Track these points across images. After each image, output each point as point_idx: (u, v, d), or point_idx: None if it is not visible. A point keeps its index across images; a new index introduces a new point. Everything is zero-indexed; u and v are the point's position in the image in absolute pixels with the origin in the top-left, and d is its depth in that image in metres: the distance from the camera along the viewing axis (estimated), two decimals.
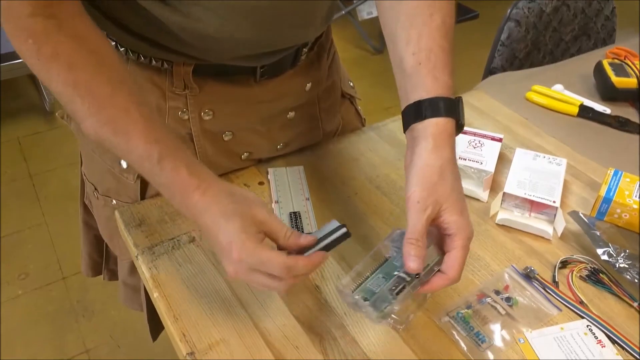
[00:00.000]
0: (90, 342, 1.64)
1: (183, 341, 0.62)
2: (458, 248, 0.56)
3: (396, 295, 0.56)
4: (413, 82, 0.60)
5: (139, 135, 0.57)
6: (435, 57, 0.60)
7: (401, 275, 0.57)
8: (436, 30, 0.61)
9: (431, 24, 0.61)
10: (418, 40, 0.61)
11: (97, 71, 0.57)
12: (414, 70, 0.60)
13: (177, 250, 0.73)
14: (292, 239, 0.57)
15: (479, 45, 2.27)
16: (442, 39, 0.61)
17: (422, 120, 0.58)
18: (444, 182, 0.56)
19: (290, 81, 0.81)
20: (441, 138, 0.58)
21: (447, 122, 0.58)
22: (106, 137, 0.58)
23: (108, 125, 0.57)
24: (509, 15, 1.37)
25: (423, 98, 0.59)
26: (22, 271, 1.86)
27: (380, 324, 0.62)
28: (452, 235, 0.56)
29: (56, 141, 2.43)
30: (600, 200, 0.77)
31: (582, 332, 0.64)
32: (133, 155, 0.58)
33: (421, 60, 0.60)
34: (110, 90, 0.57)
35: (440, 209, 0.56)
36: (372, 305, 0.55)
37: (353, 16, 3.20)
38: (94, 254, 1.01)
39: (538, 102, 1.05)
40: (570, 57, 1.32)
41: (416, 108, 0.59)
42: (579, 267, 0.72)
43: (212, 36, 0.66)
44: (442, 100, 0.58)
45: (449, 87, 0.60)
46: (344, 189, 0.84)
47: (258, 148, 0.85)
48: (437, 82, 0.59)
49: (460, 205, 0.57)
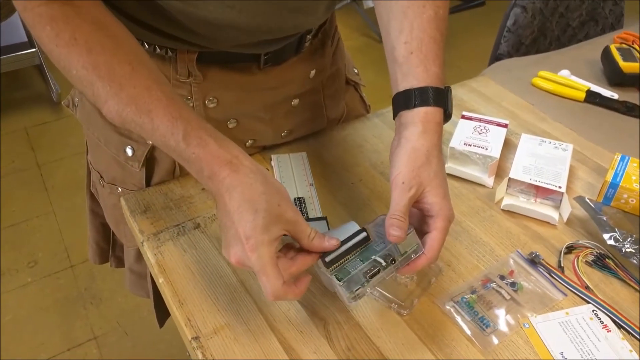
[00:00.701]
0: (98, 329, 1.66)
1: (188, 326, 0.62)
2: (438, 229, 0.58)
3: (369, 279, 0.57)
4: (404, 71, 0.62)
5: (163, 112, 0.56)
6: (427, 47, 0.62)
7: (377, 259, 0.58)
8: (427, 22, 0.63)
9: (423, 15, 0.63)
10: (410, 31, 0.63)
11: (116, 52, 0.57)
12: (405, 60, 0.62)
13: (182, 237, 0.73)
14: (315, 241, 0.57)
15: (485, 32, 2.26)
16: (433, 30, 0.63)
17: (412, 108, 0.61)
18: (429, 165, 0.59)
19: (294, 68, 0.81)
20: (429, 125, 0.60)
21: (435, 111, 0.61)
22: (130, 117, 0.57)
23: (130, 105, 0.56)
24: (515, 1, 1.36)
25: (413, 87, 0.61)
26: (31, 259, 1.88)
27: (351, 304, 0.62)
28: (433, 217, 0.59)
29: (63, 131, 2.45)
30: (607, 185, 0.77)
31: (587, 317, 0.64)
32: (157, 134, 0.57)
33: (413, 50, 0.62)
34: (130, 70, 0.57)
35: (423, 191, 0.58)
36: (345, 286, 0.56)
37: (358, 4, 3.18)
38: (100, 241, 1.02)
39: (544, 88, 1.04)
40: (578, 42, 1.30)
41: (406, 96, 0.61)
42: (584, 252, 0.71)
43: (213, 23, 0.66)
44: (432, 90, 0.61)
45: (439, 77, 0.62)
46: (348, 176, 0.84)
47: (262, 135, 0.85)
48: (427, 72, 0.61)
49: (442, 189, 0.59)
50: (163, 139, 0.57)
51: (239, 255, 0.55)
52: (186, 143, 0.56)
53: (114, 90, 0.56)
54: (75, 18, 0.55)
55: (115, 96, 0.56)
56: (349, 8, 3.20)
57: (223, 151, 0.56)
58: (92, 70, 0.56)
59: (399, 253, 0.58)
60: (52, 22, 0.55)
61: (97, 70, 0.56)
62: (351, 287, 0.56)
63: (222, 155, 0.56)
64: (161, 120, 0.56)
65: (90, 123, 0.83)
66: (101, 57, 0.56)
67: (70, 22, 0.55)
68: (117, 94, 0.56)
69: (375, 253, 0.58)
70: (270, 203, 0.55)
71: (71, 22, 0.55)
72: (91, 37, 0.56)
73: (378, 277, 0.57)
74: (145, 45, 0.71)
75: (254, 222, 0.54)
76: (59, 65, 0.57)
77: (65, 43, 0.55)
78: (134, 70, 0.57)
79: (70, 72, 0.57)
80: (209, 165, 0.56)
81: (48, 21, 0.55)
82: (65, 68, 0.57)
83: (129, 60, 0.57)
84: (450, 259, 0.71)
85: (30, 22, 0.56)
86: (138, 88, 0.56)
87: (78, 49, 0.55)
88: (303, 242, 0.57)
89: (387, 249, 0.58)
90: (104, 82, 0.56)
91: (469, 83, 1.06)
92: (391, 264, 0.58)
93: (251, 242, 0.53)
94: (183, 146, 0.56)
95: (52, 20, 0.55)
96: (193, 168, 0.57)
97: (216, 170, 0.55)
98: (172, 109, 0.56)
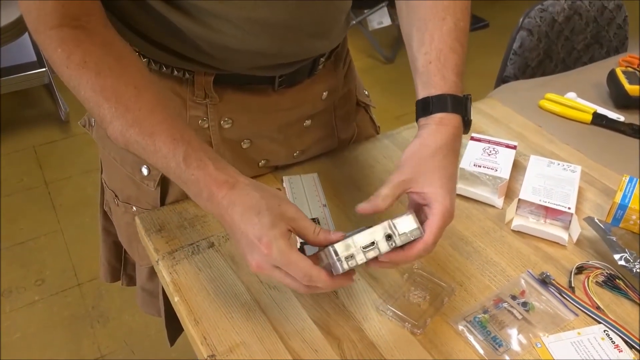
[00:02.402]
0: (105, 347, 1.66)
1: (204, 344, 0.63)
2: (434, 214, 0.59)
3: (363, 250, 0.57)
4: (423, 80, 0.65)
5: (165, 134, 0.58)
6: (445, 57, 0.64)
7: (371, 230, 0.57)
8: (447, 33, 0.65)
9: (443, 27, 0.66)
10: (430, 42, 0.65)
11: (123, 75, 0.59)
12: (425, 69, 0.65)
13: (197, 255, 0.74)
14: (321, 235, 0.58)
15: (490, 53, 2.28)
16: (453, 41, 0.65)
17: (430, 115, 0.63)
18: (432, 159, 0.61)
19: (307, 90, 0.83)
20: (443, 127, 0.62)
21: (452, 116, 0.63)
22: (133, 138, 0.59)
23: (134, 126, 0.58)
24: (521, 24, 1.38)
25: (432, 95, 0.63)
26: (38, 277, 1.88)
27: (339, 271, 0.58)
28: (429, 205, 0.60)
29: (71, 150, 2.47)
30: (616, 206, 0.78)
31: (599, 336, 0.64)
32: (159, 155, 0.58)
33: (432, 60, 0.65)
34: (136, 93, 0.59)
35: (419, 180, 0.60)
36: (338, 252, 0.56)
37: (364, 25, 3.23)
38: (112, 260, 1.02)
39: (551, 110, 1.06)
40: (583, 65, 1.32)
41: (424, 103, 0.64)
42: (595, 272, 0.72)
43: (232, 47, 0.68)
44: (449, 97, 0.63)
45: (457, 86, 0.64)
46: (361, 195, 0.85)
47: (275, 155, 0.87)
48: (445, 80, 0.64)
49: (441, 181, 0.60)
50: (164, 160, 0.58)
51: (257, 259, 0.56)
52: (186, 164, 0.58)
53: (120, 112, 0.58)
54: (85, 41, 0.58)
55: (120, 117, 0.58)
56: (354, 29, 3.24)
57: (220, 173, 0.58)
58: (100, 92, 0.58)
59: (396, 231, 0.58)
60: (63, 45, 0.57)
61: (105, 92, 0.58)
62: (343, 252, 0.56)
63: (219, 177, 0.58)
64: (163, 142, 0.58)
65: (105, 143, 0.85)
66: (108, 80, 0.58)
67: (80, 45, 0.58)
68: (122, 115, 0.58)
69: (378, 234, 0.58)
70: (270, 204, 0.57)
71: (81, 46, 0.58)
72: (100, 60, 0.58)
73: (372, 251, 0.57)
74: (163, 68, 0.73)
75: (260, 222, 0.56)
76: (69, 85, 0.59)
77: (76, 65, 0.58)
78: (140, 93, 0.59)
79: (79, 93, 0.59)
80: (207, 186, 0.58)
81: (59, 44, 0.57)
82: (75, 88, 0.59)
83: (135, 83, 0.59)
84: (463, 279, 0.71)
85: (42, 43, 0.59)
86: (143, 110, 0.59)
87: (87, 72, 0.58)
88: (309, 237, 0.58)
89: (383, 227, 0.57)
90: (110, 103, 0.58)
91: (476, 105, 1.07)
92: (387, 239, 0.57)
93: (264, 241, 0.55)
94: (183, 167, 0.58)
95: (63, 42, 0.57)
96: (192, 190, 0.59)
97: (214, 191, 0.57)
98: (174, 131, 0.58)
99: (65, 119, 2.62)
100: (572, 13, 1.42)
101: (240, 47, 0.67)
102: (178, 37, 0.68)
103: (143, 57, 0.73)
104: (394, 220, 0.58)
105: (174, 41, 0.69)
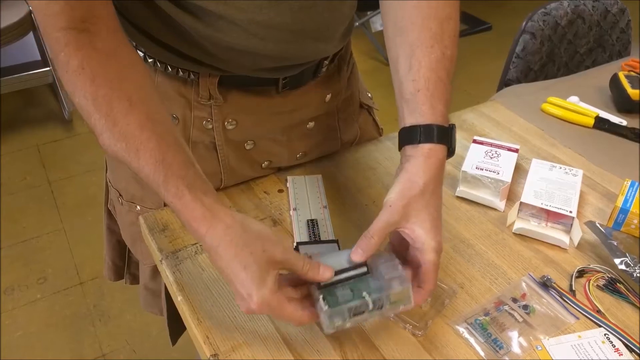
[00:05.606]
0: (106, 346, 1.67)
1: (207, 343, 0.64)
2: (427, 263, 0.60)
3: (352, 317, 0.58)
4: (411, 107, 0.64)
5: (148, 154, 0.57)
6: (433, 86, 0.64)
7: (367, 300, 0.57)
8: (435, 62, 0.65)
9: (431, 55, 0.65)
10: (418, 69, 0.64)
11: (119, 87, 0.58)
12: (412, 97, 0.64)
13: (200, 255, 0.75)
14: (309, 273, 0.58)
15: (492, 56, 2.29)
16: (440, 70, 0.65)
17: (417, 144, 0.62)
18: (421, 198, 0.60)
19: (311, 92, 0.83)
20: (430, 160, 0.62)
21: (438, 147, 0.63)
22: (120, 153, 0.58)
23: (121, 141, 0.57)
24: (524, 27, 1.39)
25: (419, 123, 0.63)
26: (40, 276, 1.89)
27: (326, 333, 0.62)
28: (419, 250, 0.60)
29: (74, 149, 2.48)
30: (617, 210, 0.78)
31: (599, 340, 0.64)
32: (143, 174, 0.58)
33: (420, 88, 0.64)
34: (128, 106, 0.57)
35: (410, 221, 0.60)
36: (328, 316, 0.56)
37: (367, 28, 3.23)
38: (116, 258, 1.03)
39: (553, 114, 1.06)
40: (585, 69, 1.33)
41: (412, 132, 0.63)
42: (595, 276, 0.73)
43: (237, 49, 0.69)
44: (436, 128, 0.62)
45: (444, 116, 0.64)
46: (362, 197, 0.86)
47: (278, 157, 0.87)
48: (433, 110, 0.63)
49: (430, 222, 0.60)
50: (147, 180, 0.58)
51: (247, 308, 0.57)
52: (165, 189, 0.57)
53: (108, 125, 0.57)
54: (87, 47, 0.57)
55: (108, 131, 0.57)
56: (357, 31, 3.25)
57: (197, 205, 0.56)
58: (92, 101, 0.57)
59: (389, 301, 0.58)
60: (65, 48, 0.57)
61: (96, 103, 0.57)
62: (333, 319, 0.57)
63: (196, 211, 0.56)
64: (146, 161, 0.57)
65: None
66: (102, 90, 0.57)
67: (81, 49, 0.57)
68: (110, 129, 0.57)
69: (369, 289, 0.58)
70: (255, 254, 0.55)
71: (82, 50, 0.57)
72: (99, 67, 0.57)
73: (361, 317, 0.58)
74: (168, 68, 0.74)
75: (247, 278, 0.55)
76: (67, 89, 0.59)
77: (73, 70, 0.57)
78: (132, 107, 0.58)
79: (74, 99, 0.58)
80: (187, 220, 0.57)
81: (63, 47, 0.57)
82: (71, 94, 0.58)
83: (128, 95, 0.58)
84: (464, 282, 0.72)
85: (48, 45, 0.59)
86: (131, 126, 0.57)
87: (83, 78, 0.57)
88: (298, 273, 0.58)
89: (379, 296, 0.58)
90: (101, 115, 0.57)
91: (479, 108, 1.08)
92: (377, 309, 0.58)
93: (254, 299, 0.55)
94: (163, 191, 0.57)
95: (66, 46, 0.57)
96: (176, 215, 0.59)
97: (195, 226, 0.57)
98: (156, 152, 0.57)
99: (69, 118, 2.63)
100: (575, 17, 1.42)
101: (244, 49, 0.68)
102: (183, 38, 0.68)
103: (149, 57, 0.74)
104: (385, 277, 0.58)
105: (179, 42, 0.70)
